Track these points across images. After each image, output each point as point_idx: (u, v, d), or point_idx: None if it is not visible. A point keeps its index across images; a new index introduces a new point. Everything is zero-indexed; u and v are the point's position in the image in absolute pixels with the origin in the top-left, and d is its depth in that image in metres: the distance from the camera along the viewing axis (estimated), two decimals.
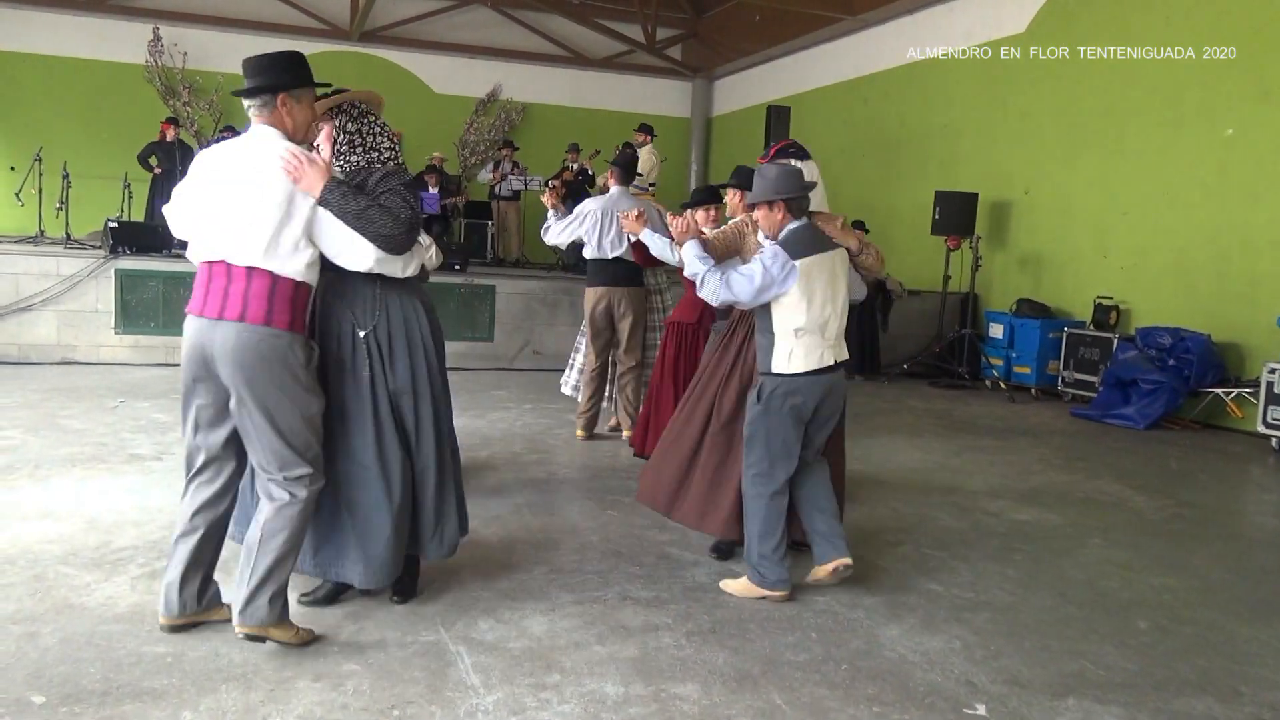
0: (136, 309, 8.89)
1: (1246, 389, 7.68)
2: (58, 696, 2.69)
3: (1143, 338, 8.24)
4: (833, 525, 3.77)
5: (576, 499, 5.04)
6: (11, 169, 12.79)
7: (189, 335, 3.00)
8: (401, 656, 3.05)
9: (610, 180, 6.56)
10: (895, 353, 10.50)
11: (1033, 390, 9.49)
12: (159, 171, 11.84)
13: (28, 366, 8.44)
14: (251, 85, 3.04)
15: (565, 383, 6.97)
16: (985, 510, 5.21)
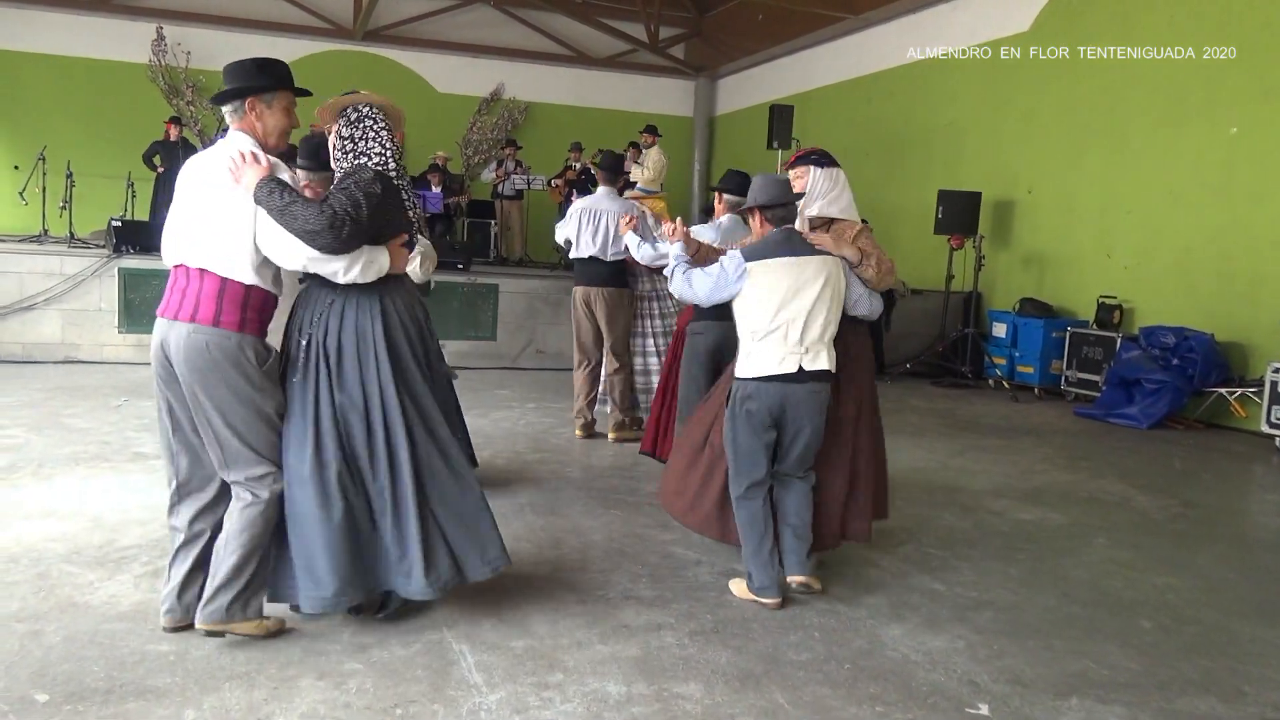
0: (140, 308, 8.90)
1: (1250, 389, 7.67)
2: (61, 695, 2.70)
3: (1146, 337, 8.23)
4: (794, 544, 3.72)
5: (579, 498, 5.04)
6: (15, 168, 12.84)
7: (154, 337, 3.05)
8: (404, 655, 3.05)
9: (600, 181, 6.60)
10: (898, 352, 10.49)
11: (1036, 390, 9.48)
12: (162, 170, 11.84)
13: (31, 365, 8.45)
14: (221, 90, 3.09)
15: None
16: (988, 510, 5.20)
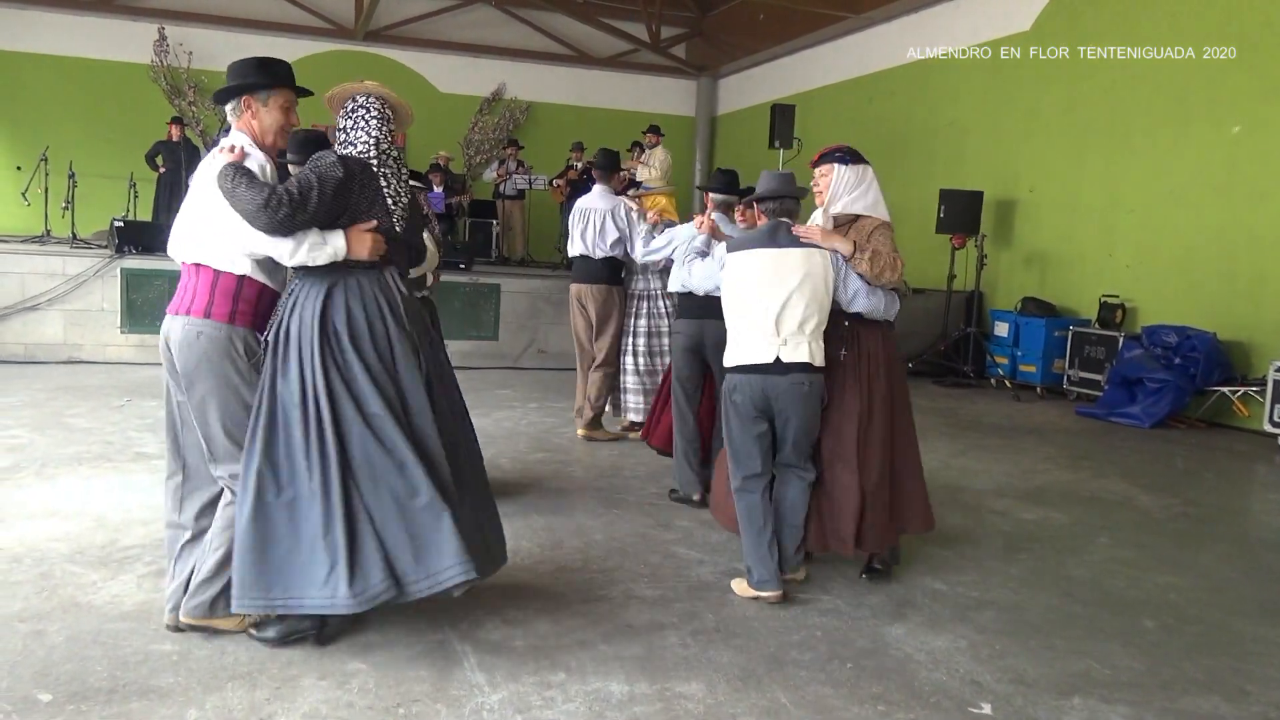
0: (142, 308, 8.91)
1: (1253, 388, 7.65)
2: (64, 694, 2.70)
3: (1148, 336, 8.22)
4: (785, 540, 3.73)
5: (581, 498, 5.04)
6: (18, 169, 12.85)
7: (161, 333, 3.17)
8: (407, 655, 3.05)
9: (597, 180, 6.60)
10: (900, 351, 10.47)
11: (1038, 389, 9.47)
12: (164, 171, 11.87)
13: (34, 365, 8.46)
14: (218, 90, 3.15)
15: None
16: (990, 509, 5.20)
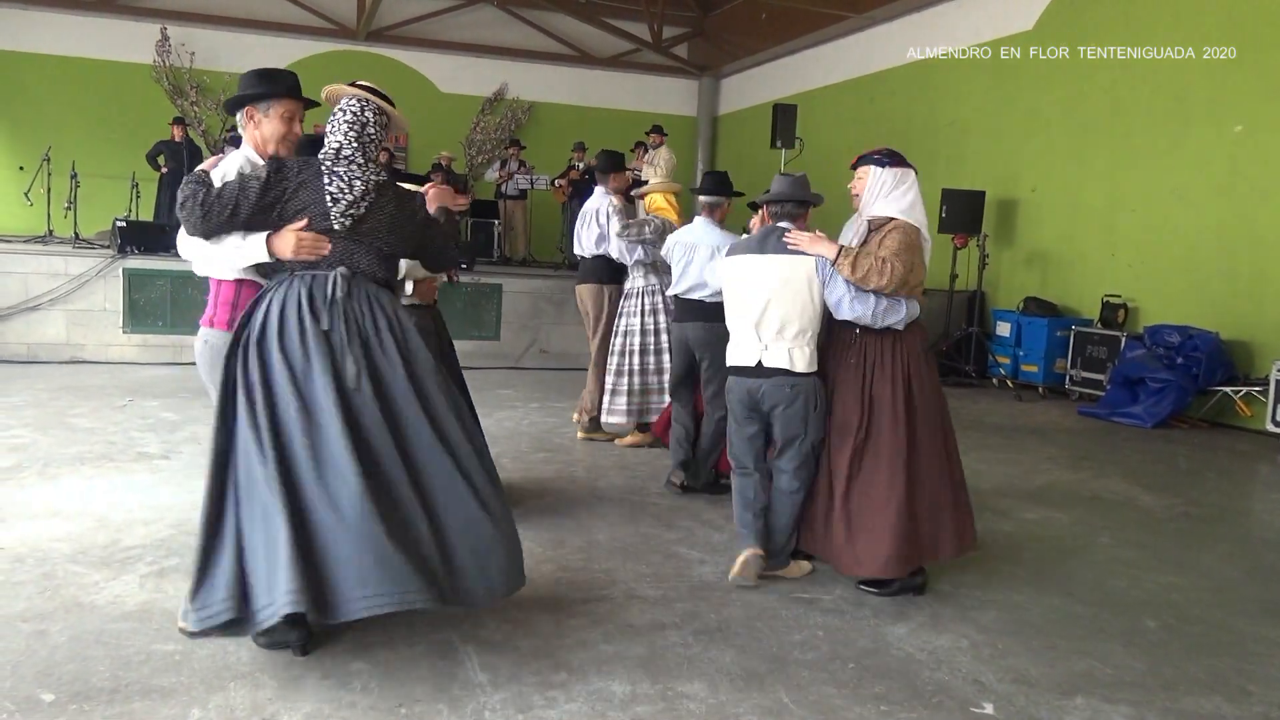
0: (144, 308, 8.93)
1: (1255, 387, 7.65)
2: (67, 694, 2.70)
3: (1151, 336, 8.21)
4: (771, 539, 3.83)
5: (583, 497, 5.04)
6: (20, 169, 12.88)
7: None
8: (409, 655, 3.05)
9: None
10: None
11: (1040, 389, 9.47)
12: (166, 171, 11.87)
13: (36, 365, 8.47)
14: (227, 101, 3.23)
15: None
16: (992, 509, 5.19)
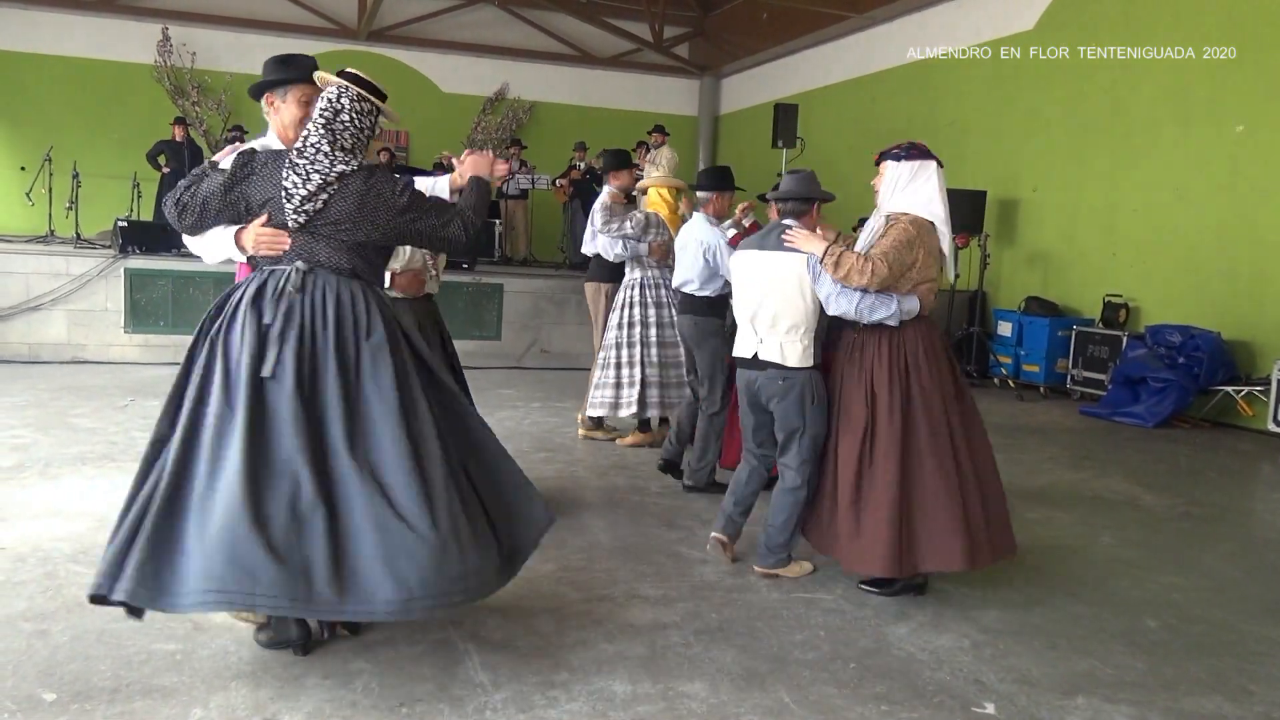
0: (146, 308, 8.93)
1: (1257, 387, 7.64)
2: (69, 694, 2.70)
3: (1152, 335, 8.20)
4: (761, 536, 3.94)
5: (584, 497, 5.04)
6: (22, 169, 12.87)
7: None
8: (410, 654, 3.05)
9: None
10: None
11: (1041, 388, 9.46)
12: (168, 170, 11.87)
13: (38, 365, 8.48)
14: (250, 87, 3.27)
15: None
16: None
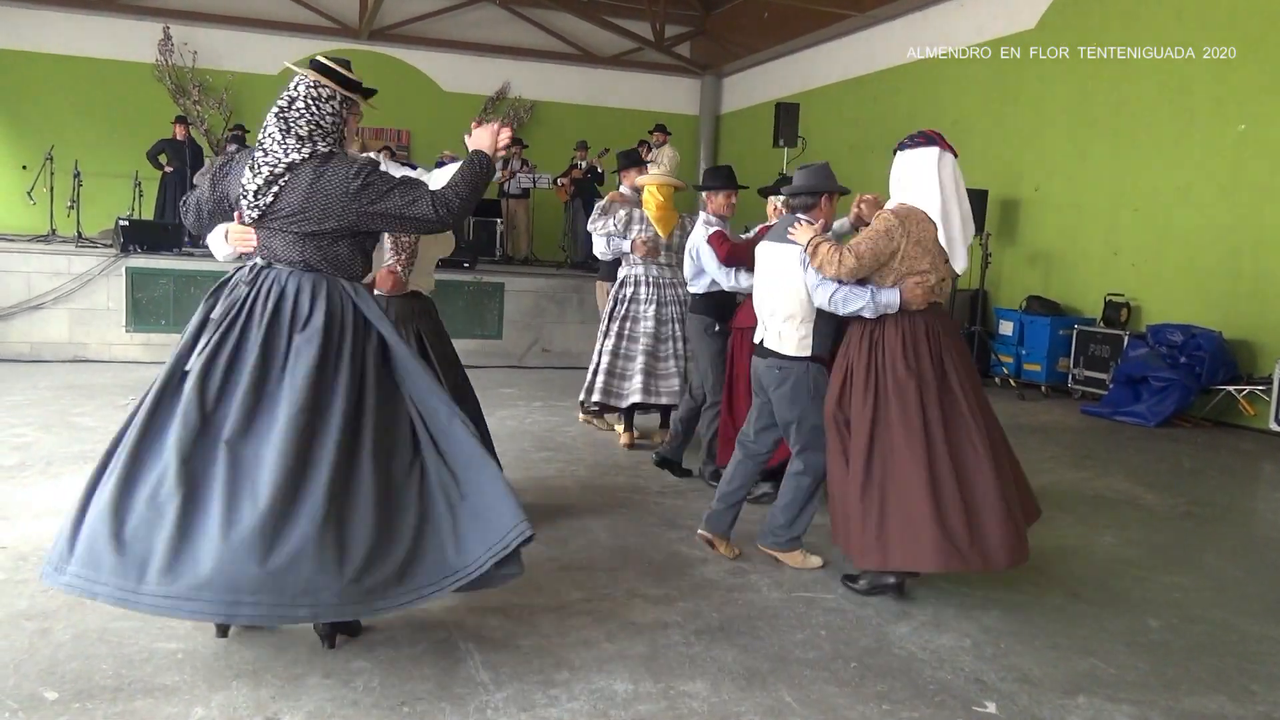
0: (147, 307, 8.93)
1: (1258, 386, 7.63)
2: (70, 692, 2.71)
3: (1154, 335, 8.19)
4: (767, 516, 4.11)
5: (586, 496, 5.04)
6: (23, 168, 12.88)
7: None
8: (411, 653, 3.06)
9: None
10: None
11: (1043, 388, 9.45)
12: (169, 170, 11.88)
13: (39, 364, 8.48)
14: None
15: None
16: None
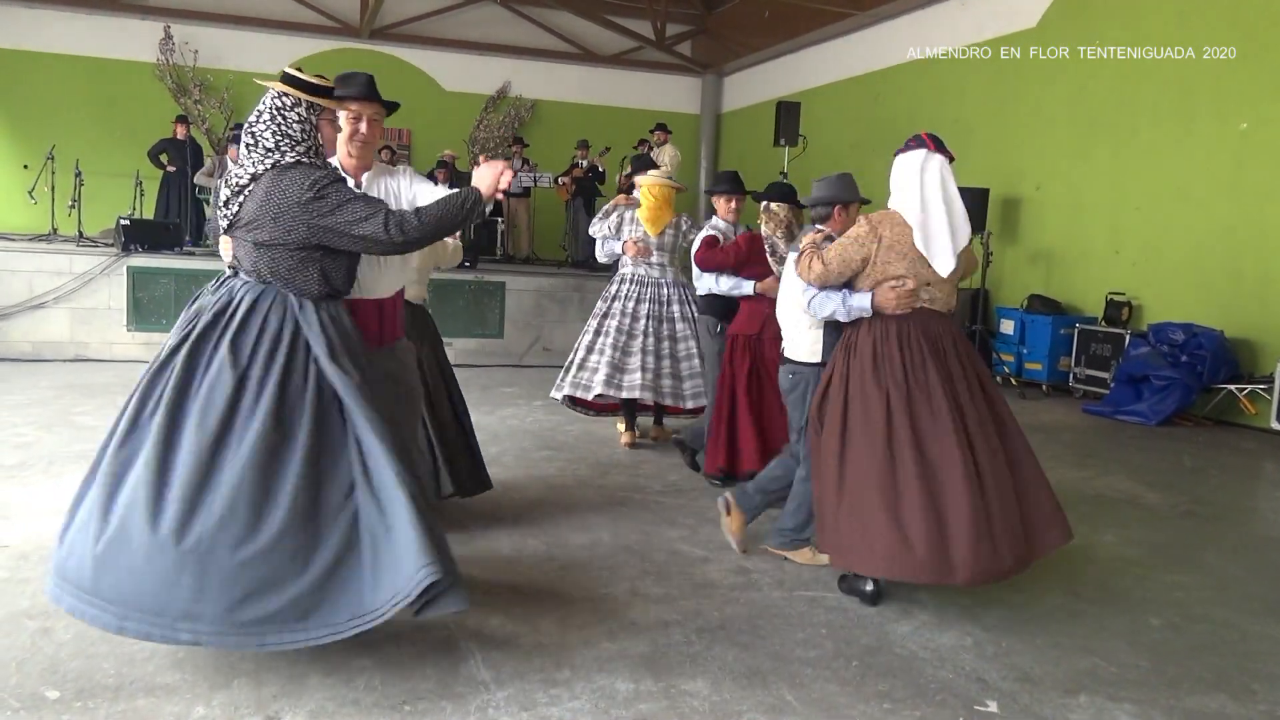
0: (148, 306, 8.95)
1: (1260, 385, 7.63)
2: (72, 691, 2.71)
3: (1155, 334, 8.19)
4: (750, 489, 4.24)
5: (587, 495, 5.04)
6: (25, 167, 12.88)
7: None
8: (413, 652, 3.06)
9: None
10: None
11: (1044, 386, 9.45)
12: (173, 170, 11.88)
13: (41, 364, 8.49)
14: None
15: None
16: None
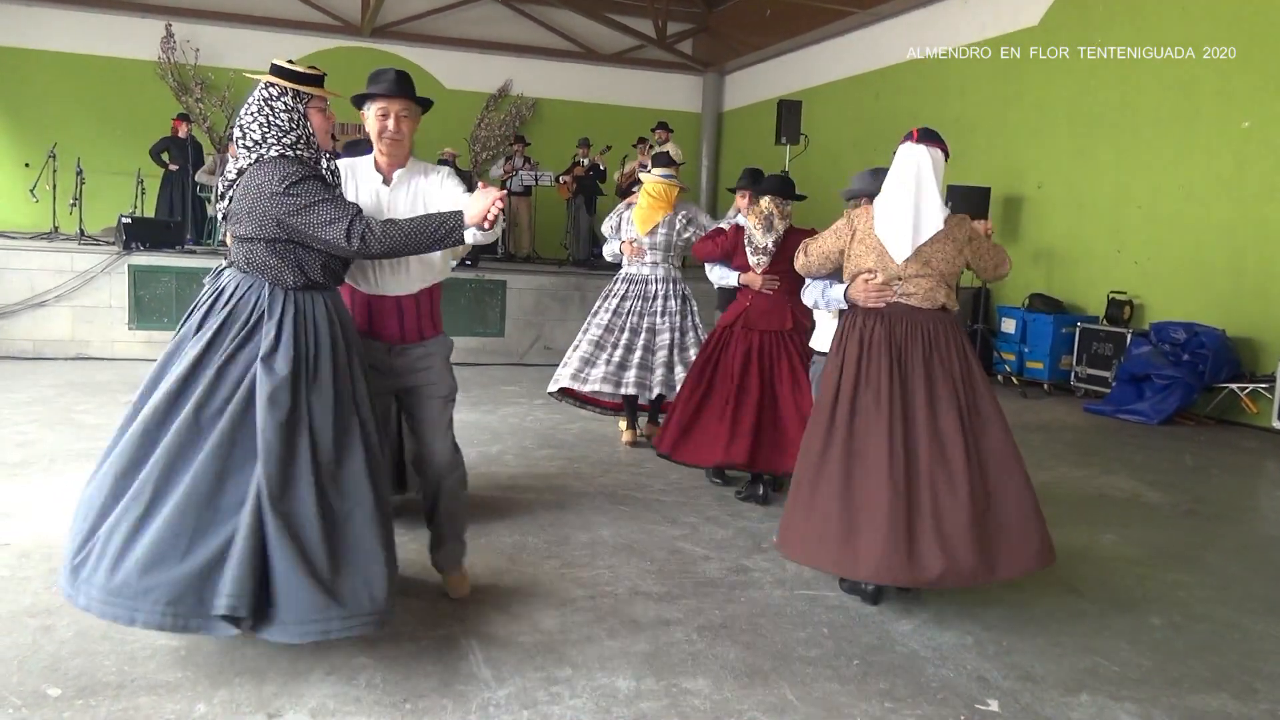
0: (150, 304, 8.94)
1: (1261, 384, 7.63)
2: (73, 689, 2.71)
3: (1157, 333, 8.19)
4: None
5: (588, 494, 5.04)
6: (26, 165, 12.88)
7: None
8: (414, 650, 3.06)
9: None
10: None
11: (1045, 385, 9.45)
12: (175, 168, 11.88)
13: (42, 362, 8.49)
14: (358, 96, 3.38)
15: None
16: None
